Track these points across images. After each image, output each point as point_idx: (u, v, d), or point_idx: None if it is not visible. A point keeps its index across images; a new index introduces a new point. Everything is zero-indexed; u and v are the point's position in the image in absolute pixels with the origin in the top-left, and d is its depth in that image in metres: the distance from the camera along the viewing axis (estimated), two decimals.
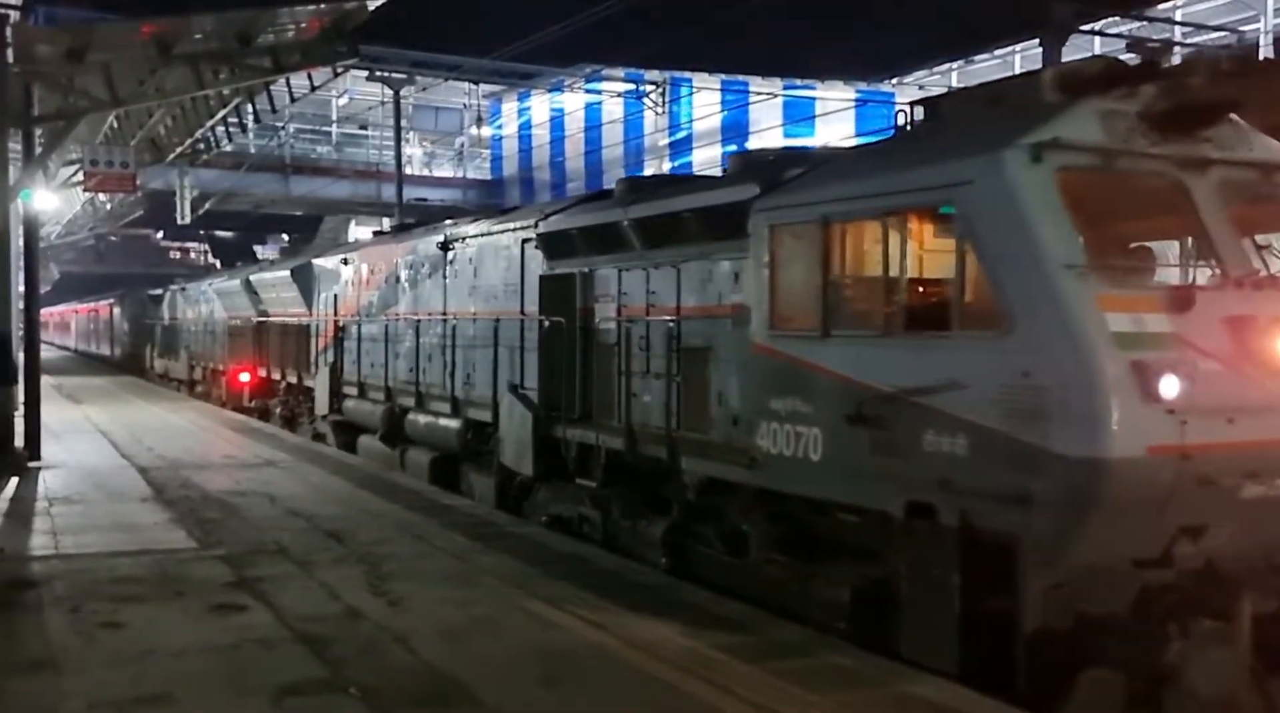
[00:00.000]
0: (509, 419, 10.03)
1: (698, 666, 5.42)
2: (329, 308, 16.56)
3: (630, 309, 8.56)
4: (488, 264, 11.12)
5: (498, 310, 10.73)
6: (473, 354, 11.33)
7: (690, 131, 30.63)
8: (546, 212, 10.15)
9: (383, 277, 14.31)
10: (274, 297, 19.94)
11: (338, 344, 15.82)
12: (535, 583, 7.14)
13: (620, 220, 8.57)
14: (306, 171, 33.25)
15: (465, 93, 34.52)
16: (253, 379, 21.18)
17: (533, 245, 9.97)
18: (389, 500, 10.50)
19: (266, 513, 9.77)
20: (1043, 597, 5.18)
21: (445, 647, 5.72)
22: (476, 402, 11.13)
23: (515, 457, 9.85)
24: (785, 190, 6.82)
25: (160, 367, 32.07)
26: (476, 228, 11.62)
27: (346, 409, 15.27)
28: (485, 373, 10.92)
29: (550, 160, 33.49)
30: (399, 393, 13.38)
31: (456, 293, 11.89)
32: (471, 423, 11.31)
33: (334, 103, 35.01)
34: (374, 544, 8.37)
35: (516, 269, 10.37)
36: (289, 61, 14.62)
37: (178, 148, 22.36)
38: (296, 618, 6.22)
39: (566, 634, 5.99)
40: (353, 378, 15.03)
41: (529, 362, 9.99)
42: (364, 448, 14.57)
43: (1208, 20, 24.75)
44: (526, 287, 10.16)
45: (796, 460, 6.42)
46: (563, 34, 20.98)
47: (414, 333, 12.94)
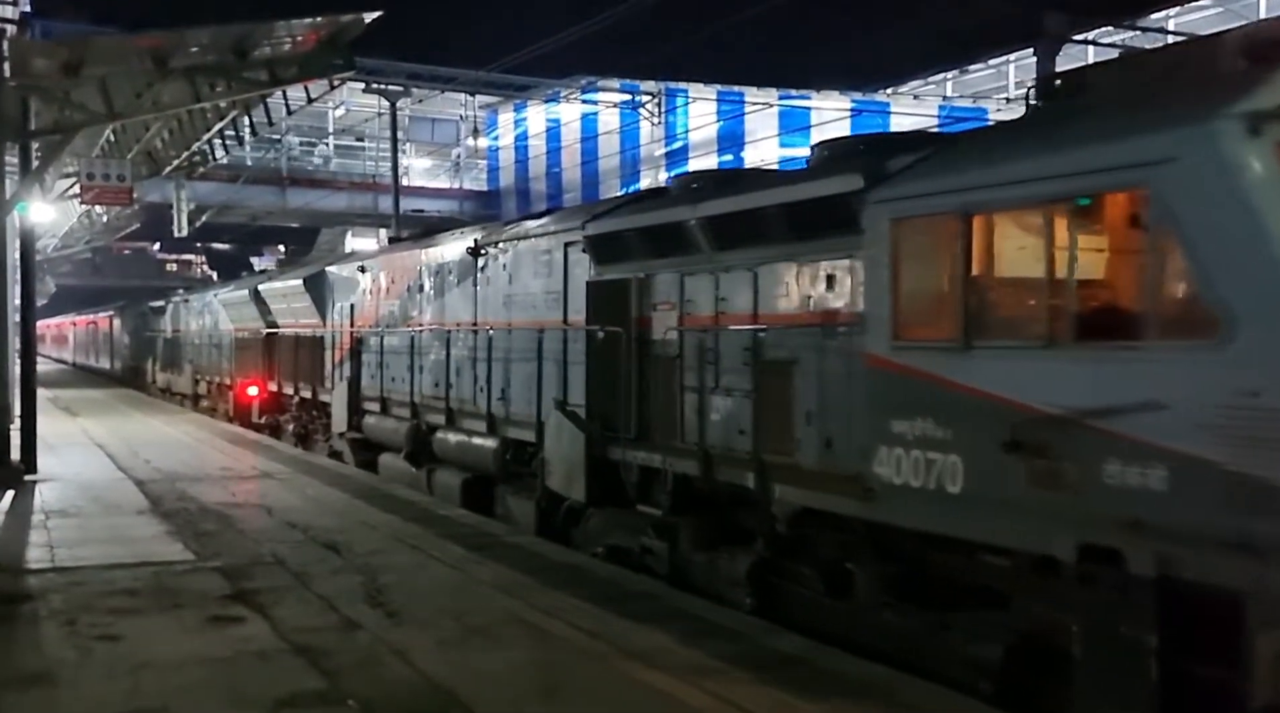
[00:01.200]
0: (556, 439, 9.19)
1: (696, 675, 5.40)
2: (344, 319, 15.85)
3: (694, 318, 7.78)
4: (525, 270, 10.37)
5: (537, 320, 9.97)
6: (510, 368, 10.55)
7: (686, 142, 30.69)
8: (594, 212, 9.43)
9: (404, 285, 13.57)
10: (284, 307, 19.25)
11: (355, 357, 15.08)
12: (532, 593, 7.12)
13: (686, 220, 7.73)
14: (303, 184, 33.29)
15: (461, 104, 34.61)
16: (261, 394, 20.43)
17: (578, 249, 9.23)
18: (386, 512, 10.48)
19: (263, 525, 9.74)
20: (1273, 665, 4.26)
21: (442, 658, 5.71)
22: (517, 420, 10.31)
23: (564, 480, 9.06)
24: (905, 179, 5.86)
25: (163, 381, 31.44)
26: (511, 232, 10.91)
27: (366, 426, 14.49)
28: (525, 388, 10.11)
29: (546, 171, 33.54)
30: (425, 409, 12.62)
31: (489, 302, 11.13)
32: (510, 442, 10.53)
33: (330, 115, 35.07)
34: (371, 556, 8.35)
35: (559, 275, 9.63)
36: (285, 74, 14.63)
37: (174, 161, 22.37)
38: (293, 630, 6.20)
39: (564, 644, 5.97)
40: (373, 393, 14.22)
41: (574, 376, 9.27)
42: (386, 467, 13.75)
43: (1200, 30, 24.87)
44: (570, 294, 9.42)
45: (928, 493, 5.49)
46: (558, 45, 21.04)
47: (441, 345, 12.18)
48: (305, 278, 17.75)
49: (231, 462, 14.66)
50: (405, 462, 12.85)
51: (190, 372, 27.53)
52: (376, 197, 32.82)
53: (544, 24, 51.52)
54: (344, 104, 34.03)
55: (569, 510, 9.38)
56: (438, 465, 12.29)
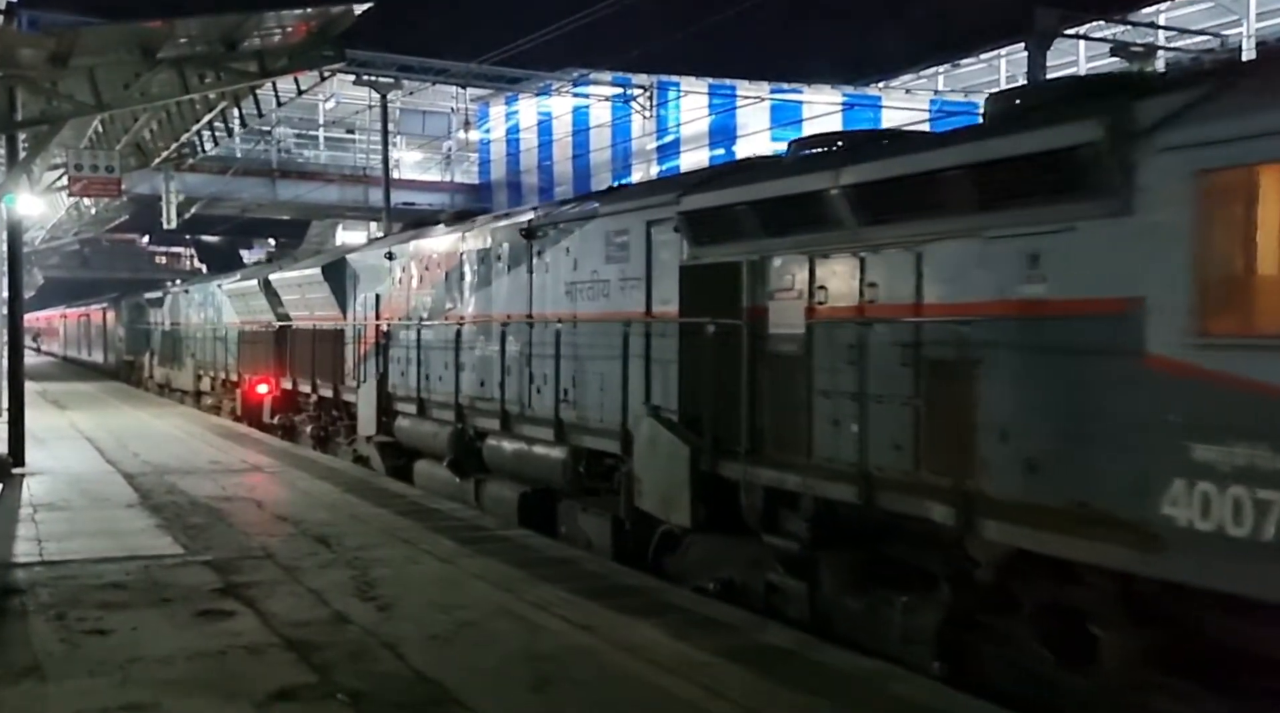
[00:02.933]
0: (649, 452, 7.80)
1: (688, 668, 5.41)
2: (369, 310, 14.49)
3: (829, 308, 6.47)
4: (593, 254, 9.08)
5: (610, 311, 8.78)
6: (578, 366, 9.24)
7: (678, 135, 30.67)
8: (689, 184, 8.06)
9: (442, 273, 12.15)
10: (298, 298, 17.78)
11: (382, 353, 13.72)
12: (523, 587, 7.12)
13: (824, 190, 6.36)
14: (293, 176, 33.15)
15: (453, 97, 34.50)
16: (272, 391, 18.98)
17: (667, 228, 7.97)
18: (377, 505, 10.46)
19: (253, 518, 9.71)
20: None
21: (433, 652, 5.70)
22: (593, 427, 8.95)
23: (661, 500, 7.66)
24: (1218, 116, 4.41)
25: (160, 376, 29.87)
26: (575, 211, 9.65)
27: (399, 430, 13.10)
28: (600, 390, 8.85)
29: (538, 164, 33.48)
30: (473, 412, 11.16)
31: (547, 291, 9.84)
32: (582, 453, 9.20)
33: (321, 107, 34.94)
34: (362, 549, 8.33)
35: (639, 259, 8.40)
36: (275, 66, 14.58)
37: (163, 152, 22.27)
38: (284, 624, 6.19)
39: (555, 638, 5.97)
40: (407, 393, 12.87)
41: (661, 376, 8.05)
42: (423, 476, 12.47)
43: (1191, 24, 24.93)
44: (655, 280, 8.19)
45: (1259, 545, 4.13)
46: (550, 38, 20.99)
47: (492, 340, 10.82)
48: (324, 266, 16.25)
49: (221, 455, 14.62)
50: (447, 470, 11.51)
51: (192, 367, 26.13)
52: (367, 189, 32.71)
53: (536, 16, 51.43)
54: (334, 96, 33.90)
55: (665, 537, 8.08)
56: (487, 476, 10.97)
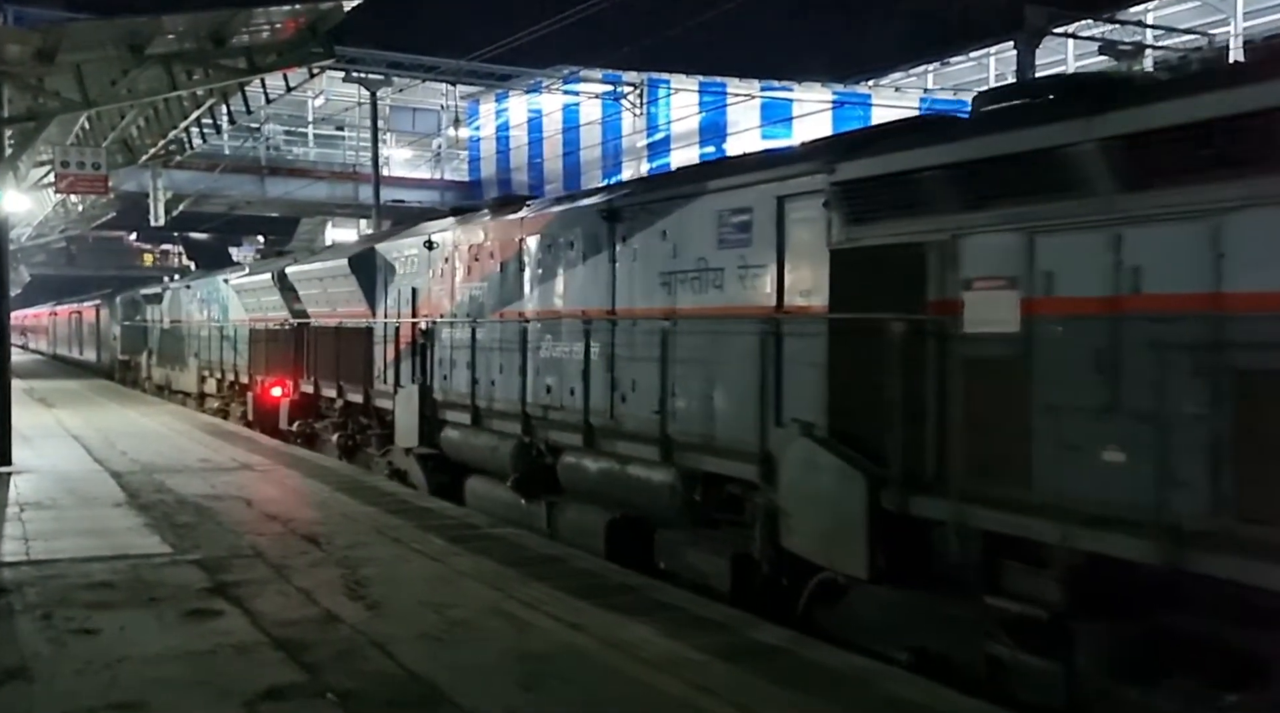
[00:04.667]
0: (804, 480, 6.43)
1: (678, 666, 5.41)
2: (403, 306, 13.16)
3: (1060, 301, 5.20)
4: (700, 238, 7.76)
5: (722, 305, 7.44)
6: (685, 372, 7.84)
7: (668, 133, 30.68)
8: (844, 148, 6.67)
9: (496, 263, 10.89)
10: (318, 293, 16.24)
11: (421, 354, 12.42)
12: (514, 585, 7.11)
13: (1069, 144, 5.05)
14: (282, 173, 33.04)
15: (443, 94, 34.41)
16: (288, 395, 17.47)
17: (810, 204, 6.67)
18: (367, 504, 10.44)
19: (242, 517, 9.67)
20: None
21: (424, 650, 5.69)
22: (718, 446, 7.42)
23: (821, 542, 6.33)
24: None
25: (160, 376, 28.15)
26: (671, 188, 8.33)
27: (446, 442, 11.68)
28: (720, 402, 7.47)
29: (528, 162, 33.44)
30: (543, 424, 9.77)
31: (636, 282, 8.55)
32: (695, 476, 7.70)
33: (310, 104, 34.82)
34: (352, 548, 8.31)
35: (768, 242, 7.09)
36: (264, 62, 14.52)
37: (151, 149, 22.17)
38: (273, 623, 6.16)
39: (545, 636, 5.96)
40: (457, 399, 11.49)
41: (797, 385, 6.70)
42: (477, 496, 11.00)
43: (1178, 23, 25.06)
44: (789, 268, 6.94)
45: None
46: (540, 35, 20.96)
47: (564, 339, 9.50)
48: (351, 257, 14.62)
49: (210, 453, 14.55)
50: (509, 491, 10.13)
51: (195, 367, 24.39)
52: (357, 186, 32.63)
53: (526, 14, 51.40)
54: (323, 93, 33.79)
55: (823, 586, 6.59)
56: (562, 499, 9.57)
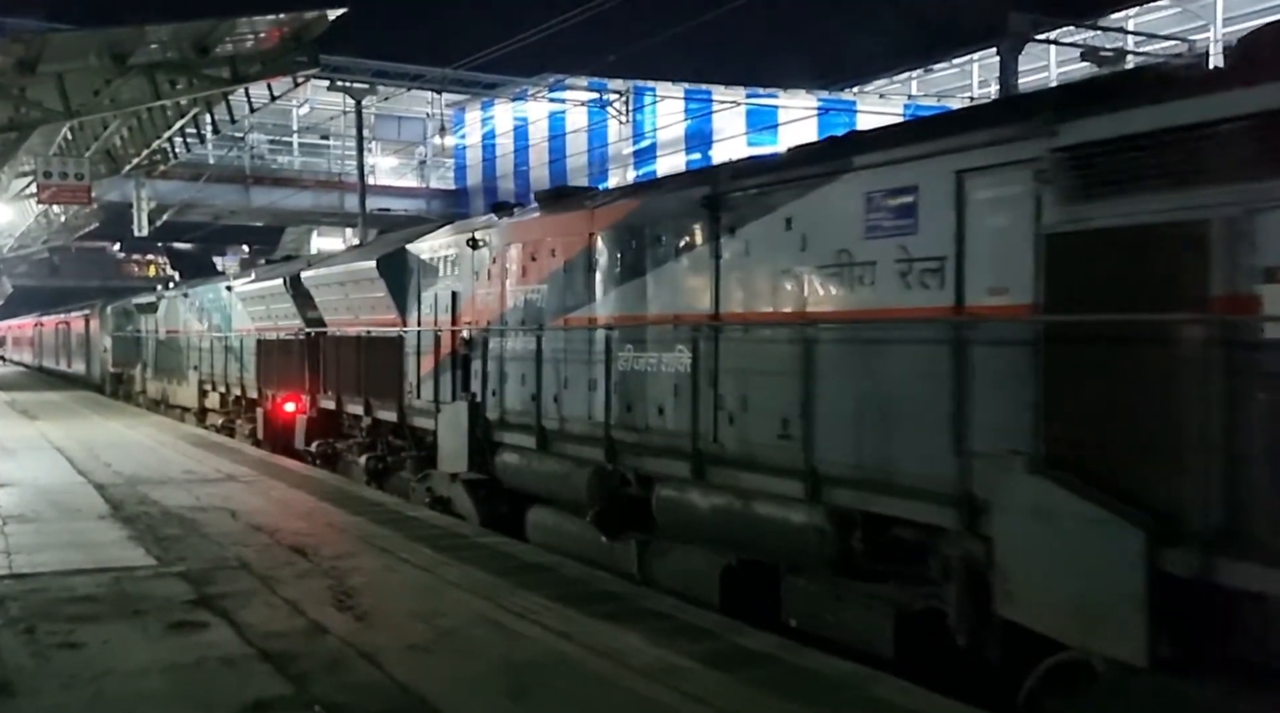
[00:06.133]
0: (1034, 530, 5.17)
1: (667, 675, 5.39)
2: (441, 312, 11.82)
3: None
4: (840, 226, 6.57)
5: (872, 307, 6.39)
6: (826, 389, 6.63)
7: (654, 140, 30.73)
8: (1069, 105, 5.33)
9: (559, 262, 9.64)
10: (338, 299, 14.83)
11: (461, 366, 11.17)
12: (503, 594, 7.08)
13: None
14: (267, 182, 32.99)
15: (428, 102, 34.43)
16: (302, 411, 16.08)
17: (1004, 178, 5.61)
18: (354, 514, 10.38)
19: (228, 529, 9.60)
20: None
21: (412, 661, 5.65)
22: (888, 482, 6.16)
23: (1066, 613, 4.99)
24: None
25: (155, 390, 26.66)
26: (805, 167, 7.03)
27: (503, 468, 10.31)
28: (877, 424, 6.27)
29: (514, 169, 33.44)
30: (631, 449, 8.49)
31: (749, 280, 7.43)
32: (855, 519, 6.43)
33: (295, 113, 34.76)
34: (339, 558, 8.26)
35: (942, 228, 5.95)
36: (248, 72, 14.50)
37: (134, 159, 22.08)
38: (259, 635, 6.11)
39: (534, 645, 5.94)
40: (518, 419, 10.12)
41: (989, 405, 5.61)
42: (543, 530, 9.71)
43: (1159, 30, 25.30)
44: (973, 259, 5.83)
45: None
46: (525, 44, 20.99)
47: (653, 350, 8.31)
48: (380, 259, 13.19)
49: (194, 465, 14.46)
50: (587, 526, 8.83)
51: (195, 381, 22.86)
52: (343, 195, 32.60)
53: (511, 22, 51.43)
54: (308, 102, 33.76)
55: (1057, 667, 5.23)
56: (657, 539, 8.29)
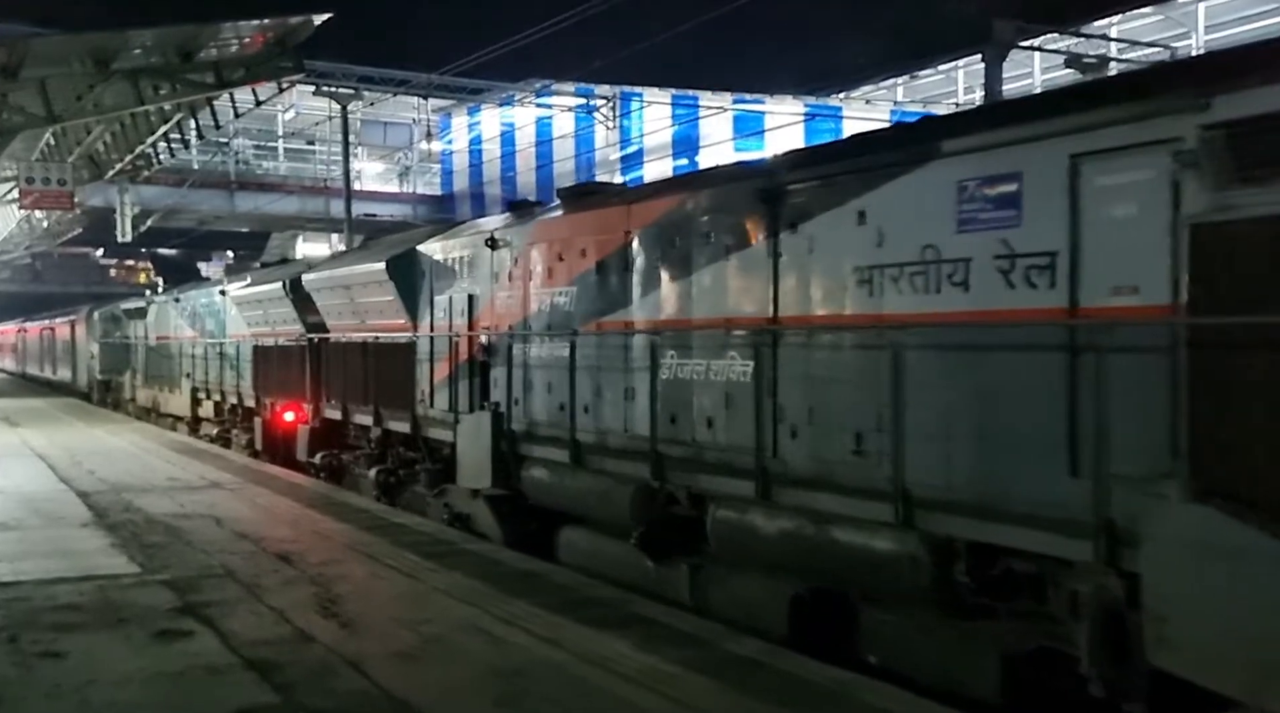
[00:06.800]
0: (1203, 570, 4.36)
1: (655, 681, 5.38)
2: (457, 317, 11.20)
3: None
4: (924, 219, 5.97)
5: (971, 308, 5.78)
6: (914, 401, 5.90)
7: (641, 146, 30.77)
8: (1226, 71, 4.78)
9: (590, 262, 9.00)
10: (343, 303, 14.11)
11: (479, 373, 10.55)
12: (490, 601, 7.06)
13: None
14: (252, 187, 32.86)
15: (415, 107, 34.37)
16: (304, 420, 15.32)
17: (1143, 160, 4.97)
18: (339, 520, 10.33)
19: (213, 536, 9.55)
20: None
21: (398, 669, 5.63)
22: (1000, 508, 5.40)
23: (1242, 668, 4.25)
24: None
25: (145, 398, 25.84)
26: (881, 154, 6.42)
27: (531, 483, 9.61)
28: (976, 441, 5.59)
29: (501, 175, 33.42)
30: (682, 465, 7.81)
31: (814, 279, 6.76)
32: (958, 549, 5.68)
33: (280, 118, 34.65)
34: (325, 566, 8.21)
35: (1052, 219, 5.30)
36: (232, 77, 14.46)
37: (118, 164, 21.97)
38: (245, 643, 6.07)
39: (521, 652, 5.92)
40: (549, 431, 9.42)
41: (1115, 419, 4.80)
42: (578, 551, 9.07)
43: (1141, 37, 25.49)
44: (1092, 254, 5.20)
45: None
46: (513, 48, 21.00)
47: (699, 355, 7.68)
48: (390, 260, 12.46)
49: (179, 471, 14.37)
50: (627, 548, 8.16)
51: (189, 389, 22.03)
52: (328, 201, 32.49)
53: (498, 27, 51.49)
54: (294, 107, 33.65)
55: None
56: (708, 563, 7.60)
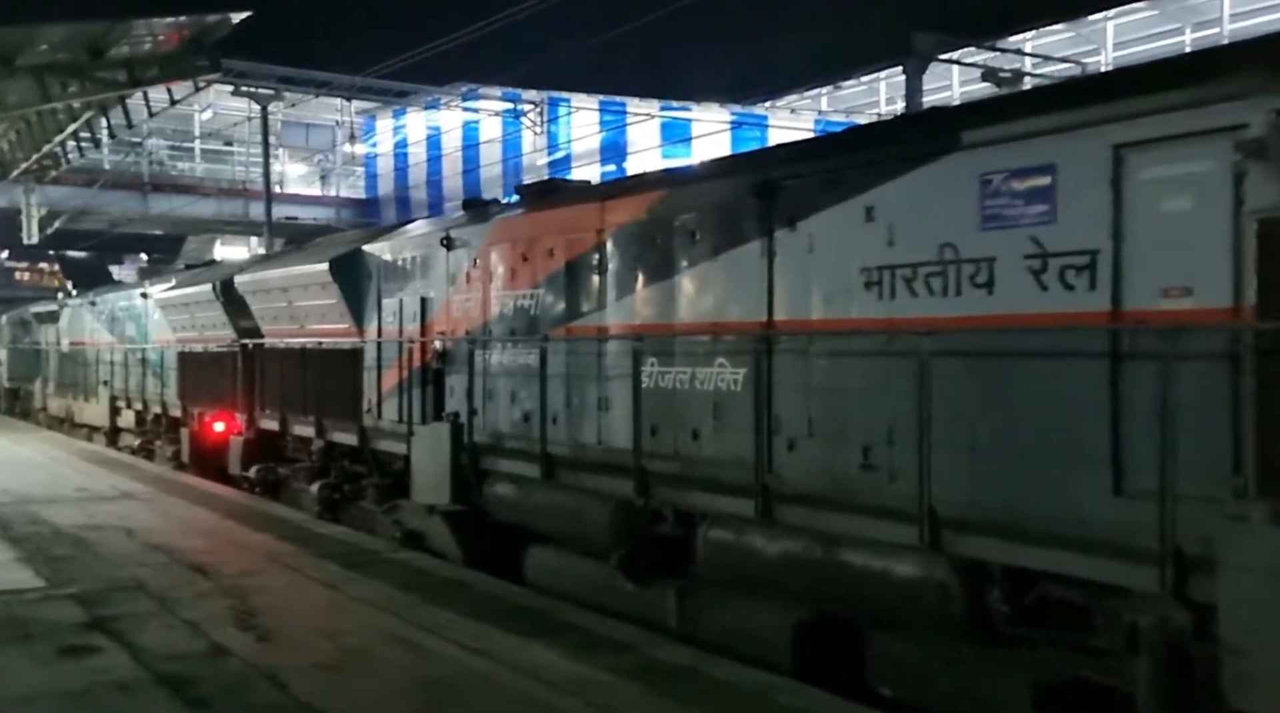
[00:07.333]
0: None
1: (585, 689, 5.35)
2: (408, 321, 10.54)
3: None
4: (945, 214, 5.48)
5: (996, 312, 5.21)
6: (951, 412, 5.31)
7: (569, 152, 30.71)
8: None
9: (558, 262, 8.45)
10: (281, 307, 13.19)
11: (433, 381, 9.92)
12: (414, 611, 6.95)
13: None
14: (167, 189, 31.88)
15: (338, 109, 33.76)
16: (235, 430, 14.40)
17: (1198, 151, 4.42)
18: (258, 531, 10.08)
19: (123, 548, 9.24)
20: None
21: (318, 681, 5.50)
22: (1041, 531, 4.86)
23: None
24: None
25: (58, 407, 24.56)
26: (893, 146, 6.05)
27: (495, 499, 8.95)
28: (1006, 456, 5.07)
29: (426, 179, 33.04)
30: (667, 481, 7.14)
31: (815, 281, 6.25)
32: (992, 574, 5.15)
33: (196, 118, 33.74)
34: (242, 577, 8.01)
35: (1093, 215, 4.80)
36: (145, 75, 14.03)
37: (23, 164, 21.15)
38: (156, 658, 5.88)
39: (446, 663, 5.84)
40: (516, 444, 8.77)
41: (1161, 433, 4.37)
42: (548, 572, 8.47)
43: (1054, 52, 26.37)
44: (1136, 253, 4.69)
45: None
46: (439, 51, 20.79)
47: (681, 362, 7.19)
48: (334, 260, 11.62)
49: (88, 481, 13.88)
50: (605, 569, 7.54)
51: (107, 397, 20.95)
52: (247, 203, 31.71)
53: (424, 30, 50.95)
54: (211, 107, 32.78)
55: None
56: (699, 587, 7.00)
